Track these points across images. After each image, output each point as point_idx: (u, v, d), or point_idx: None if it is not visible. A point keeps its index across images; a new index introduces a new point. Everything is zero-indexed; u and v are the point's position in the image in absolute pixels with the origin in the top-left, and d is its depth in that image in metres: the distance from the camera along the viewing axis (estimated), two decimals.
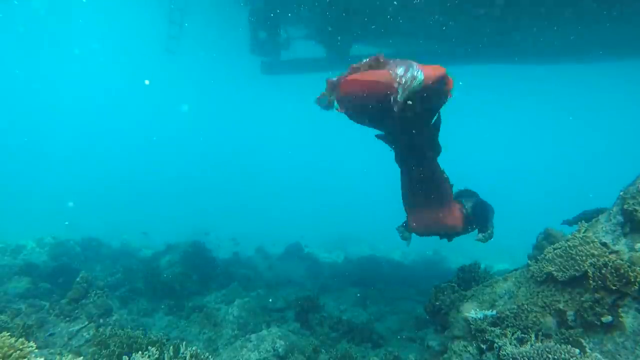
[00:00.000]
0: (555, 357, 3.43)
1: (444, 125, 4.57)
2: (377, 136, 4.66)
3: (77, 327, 6.19)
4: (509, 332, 4.13)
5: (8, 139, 50.21)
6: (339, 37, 12.39)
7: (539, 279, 4.46)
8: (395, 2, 10.68)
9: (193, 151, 59.80)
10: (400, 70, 3.51)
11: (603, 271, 3.87)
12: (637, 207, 4.13)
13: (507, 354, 3.73)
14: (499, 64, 15.31)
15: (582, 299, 3.99)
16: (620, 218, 4.39)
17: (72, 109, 57.38)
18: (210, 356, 4.35)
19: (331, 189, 53.89)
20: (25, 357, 3.22)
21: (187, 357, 4.18)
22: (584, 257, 4.11)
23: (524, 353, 3.59)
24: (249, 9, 13.06)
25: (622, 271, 3.78)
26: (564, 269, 4.20)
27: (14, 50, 38.68)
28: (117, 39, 33.84)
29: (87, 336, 5.98)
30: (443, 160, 4.77)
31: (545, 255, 4.50)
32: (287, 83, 18.77)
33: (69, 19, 30.95)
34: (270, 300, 9.22)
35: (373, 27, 12.08)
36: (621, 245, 4.20)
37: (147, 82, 42.92)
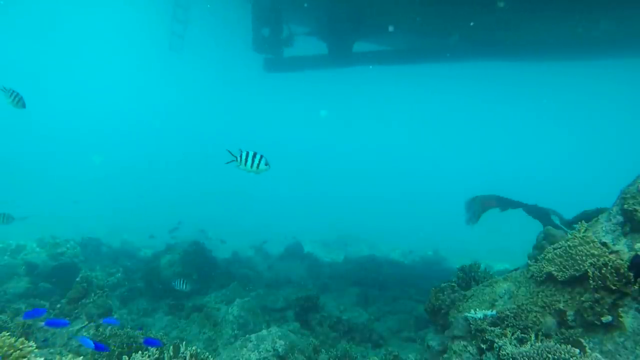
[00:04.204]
0: (555, 357, 3.42)
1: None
2: None
3: (77, 327, 6.19)
4: (509, 332, 4.13)
5: (8, 139, 50.24)
6: (342, 35, 12.39)
7: (539, 279, 4.46)
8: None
9: (194, 149, 59.77)
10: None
11: (603, 271, 3.87)
12: (637, 207, 4.13)
13: (507, 353, 3.73)
14: (502, 62, 15.30)
15: (582, 298, 3.99)
16: (620, 218, 4.39)
17: (74, 108, 57.37)
18: (210, 356, 4.35)
19: (331, 188, 53.91)
20: (25, 357, 3.22)
21: (187, 357, 4.18)
22: (584, 257, 4.11)
23: (524, 353, 3.59)
24: (252, 6, 13.07)
25: (622, 271, 3.78)
26: (564, 269, 4.20)
27: (14, 47, 38.76)
28: (121, 37, 33.88)
29: (87, 336, 5.97)
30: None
31: (545, 255, 4.50)
32: (290, 80, 18.80)
33: (71, 16, 30.97)
34: (271, 300, 9.22)
35: (375, 24, 12.08)
36: (621, 245, 4.20)
37: None
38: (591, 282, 3.91)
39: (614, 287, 3.79)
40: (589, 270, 3.98)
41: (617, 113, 33.95)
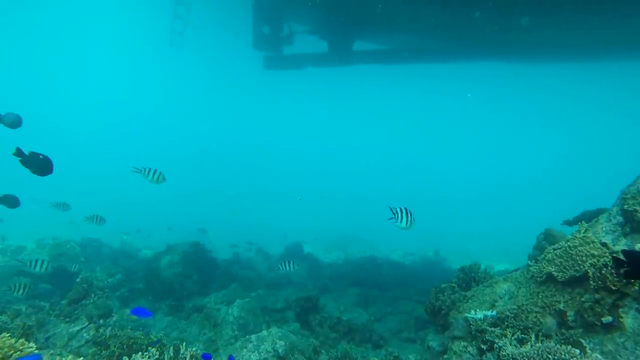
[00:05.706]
0: (556, 357, 3.42)
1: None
2: None
3: (77, 328, 6.19)
4: (509, 332, 4.13)
5: (8, 139, 50.23)
6: (342, 33, 12.43)
7: (539, 279, 4.45)
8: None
9: (194, 148, 59.79)
10: None
11: (603, 271, 3.87)
12: (637, 207, 4.13)
13: (508, 354, 3.73)
14: (500, 62, 15.32)
15: (582, 299, 3.99)
16: (620, 218, 4.39)
17: (73, 108, 57.38)
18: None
19: (331, 188, 53.93)
20: None
21: (187, 358, 4.18)
22: (584, 258, 4.11)
23: (524, 353, 3.59)
24: (252, 4, 13.10)
25: (622, 271, 3.78)
26: (564, 270, 4.20)
27: (16, 47, 38.83)
28: (120, 35, 33.91)
29: (87, 337, 5.97)
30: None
31: (546, 255, 4.50)
32: (291, 78, 18.84)
33: (71, 16, 31.00)
34: (271, 300, 9.22)
35: (375, 23, 12.10)
36: (621, 246, 4.20)
37: None
38: (591, 282, 3.91)
39: (614, 288, 3.79)
40: (589, 270, 3.98)
41: (618, 113, 33.98)
